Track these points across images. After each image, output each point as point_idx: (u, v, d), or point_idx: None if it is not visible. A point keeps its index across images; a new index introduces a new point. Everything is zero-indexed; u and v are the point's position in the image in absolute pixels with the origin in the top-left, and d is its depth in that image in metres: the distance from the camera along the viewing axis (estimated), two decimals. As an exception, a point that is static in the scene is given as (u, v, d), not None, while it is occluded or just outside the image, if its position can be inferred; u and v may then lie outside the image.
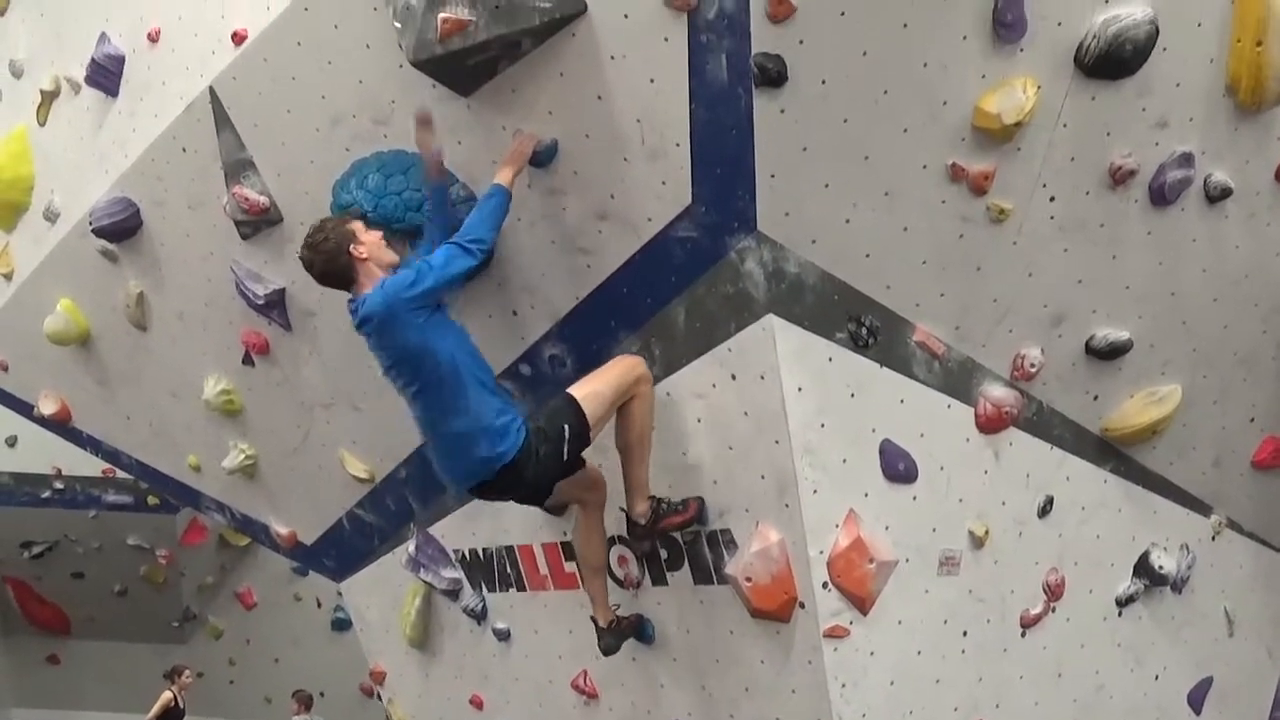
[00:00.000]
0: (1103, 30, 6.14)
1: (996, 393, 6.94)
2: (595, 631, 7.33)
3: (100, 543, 18.73)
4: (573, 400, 6.61)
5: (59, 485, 18.32)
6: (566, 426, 6.58)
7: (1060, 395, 7.21)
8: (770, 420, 6.44)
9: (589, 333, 7.03)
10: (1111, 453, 7.52)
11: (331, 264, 6.57)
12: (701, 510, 6.93)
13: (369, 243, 6.61)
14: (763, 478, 6.59)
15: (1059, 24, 6.14)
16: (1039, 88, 6.18)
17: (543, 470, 6.60)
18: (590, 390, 6.64)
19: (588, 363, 6.97)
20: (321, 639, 19.51)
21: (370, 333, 6.55)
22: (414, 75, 6.54)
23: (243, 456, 9.38)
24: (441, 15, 6.15)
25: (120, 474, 13.98)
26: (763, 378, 6.41)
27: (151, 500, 17.46)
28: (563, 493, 6.98)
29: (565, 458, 6.63)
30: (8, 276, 9.94)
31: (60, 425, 10.75)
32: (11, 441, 18.04)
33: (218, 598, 19.67)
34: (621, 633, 7.38)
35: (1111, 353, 7.14)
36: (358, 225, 6.69)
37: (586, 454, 6.83)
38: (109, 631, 20.11)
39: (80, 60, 8.64)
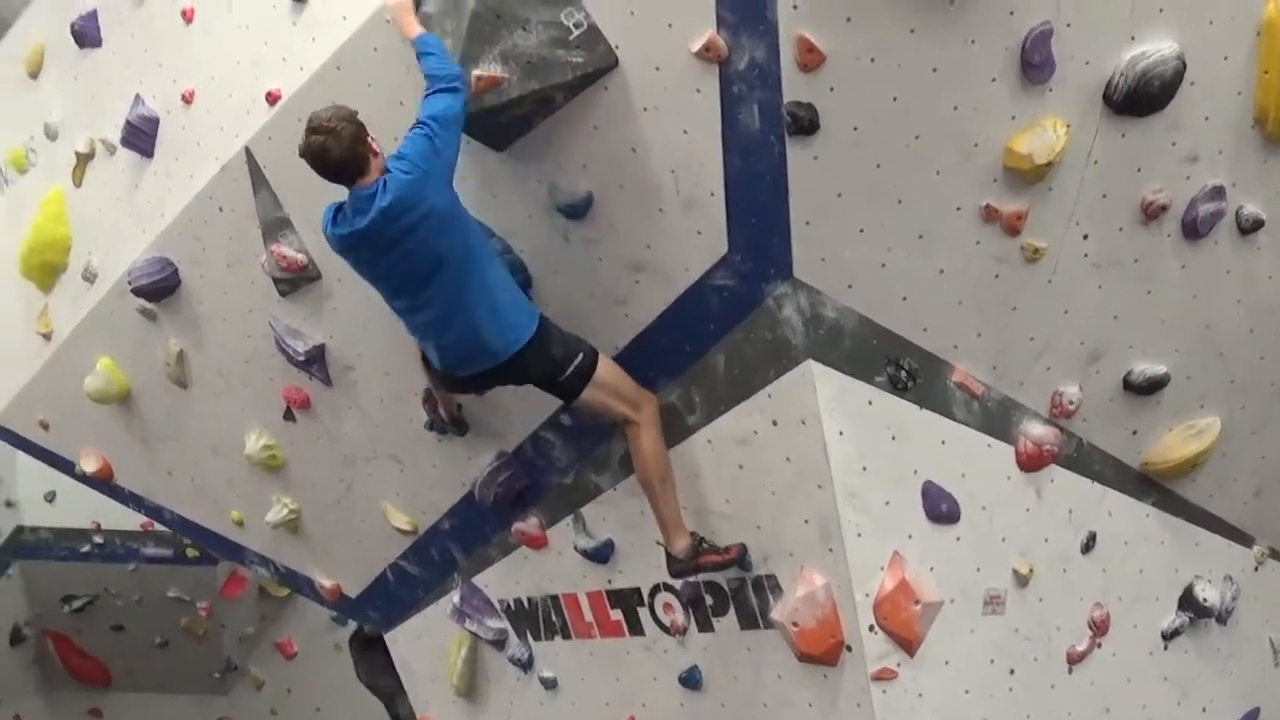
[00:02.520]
0: (1130, 68, 6.15)
1: (1036, 431, 6.93)
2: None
3: (140, 595, 18.68)
4: (596, 351, 6.70)
5: (98, 539, 18.29)
6: (583, 356, 6.65)
7: (1099, 431, 7.20)
8: (812, 465, 6.45)
9: (629, 382, 7.02)
10: (1152, 487, 7.49)
11: (352, 150, 6.18)
12: (744, 556, 6.92)
13: (376, 143, 6.37)
14: (806, 522, 6.60)
15: (1086, 63, 6.16)
16: (1069, 127, 6.19)
17: (542, 364, 6.61)
18: (611, 363, 6.77)
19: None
20: (363, 688, 19.47)
21: (402, 212, 6.16)
22: (448, 131, 6.58)
23: (286, 511, 9.41)
24: (475, 72, 6.23)
25: (159, 527, 14.00)
26: (803, 423, 6.42)
27: (191, 552, 17.41)
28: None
29: (562, 377, 6.65)
30: (47, 337, 10.01)
31: (102, 483, 10.79)
32: (50, 497, 18.06)
33: (258, 648, 19.58)
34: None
35: (1149, 387, 7.12)
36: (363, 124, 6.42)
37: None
38: (150, 684, 20.04)
39: (115, 122, 8.72)
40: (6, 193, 10.26)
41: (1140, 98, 6.22)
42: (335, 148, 6.19)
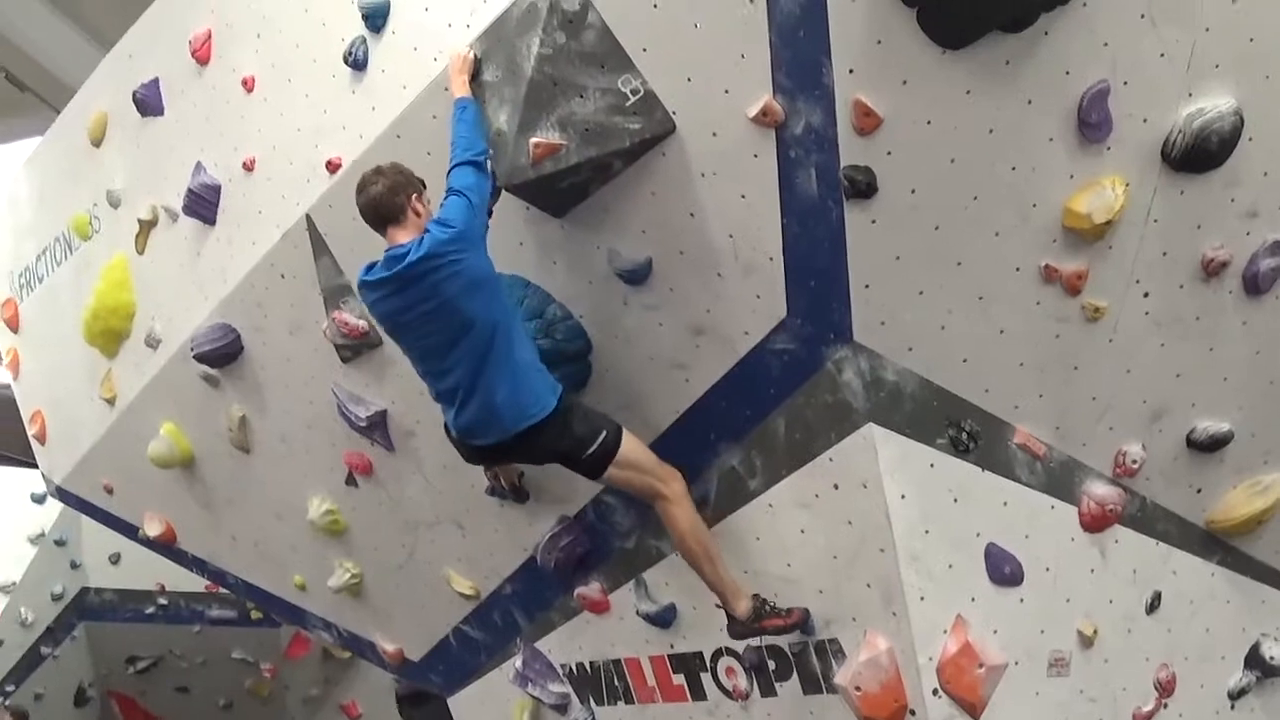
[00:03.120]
0: (1188, 124, 6.13)
1: (1099, 491, 6.89)
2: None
3: (205, 657, 18.80)
4: (620, 428, 6.69)
5: (163, 601, 18.44)
6: (606, 433, 6.64)
7: (1163, 490, 7.14)
8: (874, 529, 6.42)
9: (689, 447, 7.03)
10: (1217, 544, 7.42)
11: (391, 193, 6.38)
12: (806, 620, 6.88)
13: (425, 209, 6.49)
14: (869, 586, 6.56)
15: (1144, 120, 6.14)
16: (1128, 185, 6.17)
17: (565, 440, 6.60)
18: (626, 454, 6.72)
19: (689, 477, 6.96)
20: (424, 747, 19.50)
21: (435, 265, 6.20)
22: (507, 198, 6.64)
23: (348, 575, 9.45)
24: (533, 140, 6.26)
25: (223, 590, 14.10)
26: (865, 486, 6.40)
27: (255, 614, 17.53)
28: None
29: (584, 455, 6.65)
30: (111, 402, 10.11)
31: (166, 547, 10.88)
32: (115, 559, 18.20)
33: (322, 710, 19.60)
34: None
35: (1213, 445, 7.07)
36: (423, 191, 6.57)
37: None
38: (215, 747, 20.22)
39: (177, 190, 8.82)
40: (71, 259, 10.35)
41: (1199, 154, 6.19)
42: (372, 189, 6.42)
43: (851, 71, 5.73)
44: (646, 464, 6.81)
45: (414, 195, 6.46)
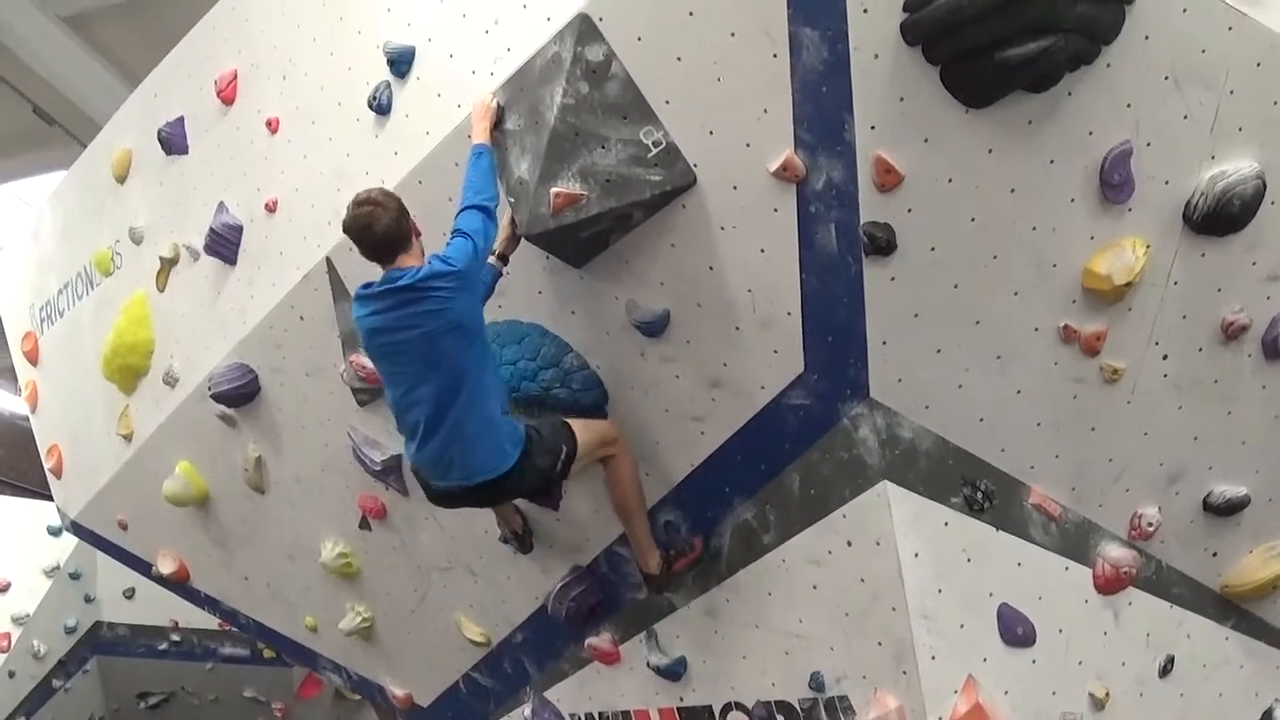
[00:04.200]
0: (1210, 187, 6.13)
1: (1114, 553, 6.86)
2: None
3: (216, 694, 18.76)
4: (569, 425, 6.69)
5: (176, 637, 18.44)
6: (565, 448, 6.63)
7: (1179, 553, 7.11)
8: (887, 586, 6.39)
9: (703, 499, 7.03)
10: (1232, 609, 7.38)
11: (398, 223, 6.33)
12: (708, 543, 6.99)
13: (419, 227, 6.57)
14: (880, 644, 6.53)
15: (1166, 182, 6.14)
16: (1148, 247, 6.17)
17: (531, 479, 6.60)
18: (581, 424, 6.76)
19: (702, 530, 7.01)
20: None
21: (427, 291, 6.19)
22: (527, 248, 6.65)
23: (359, 619, 9.44)
24: (554, 189, 6.26)
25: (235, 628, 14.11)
26: (878, 544, 6.37)
27: (268, 653, 17.49)
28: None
29: (554, 472, 6.66)
30: (128, 438, 10.13)
31: (178, 584, 10.88)
32: (129, 594, 18.21)
33: (334, 750, 19.69)
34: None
35: (1229, 509, 7.04)
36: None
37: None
38: (225, 783, 20.18)
39: (199, 229, 8.86)
40: (92, 294, 10.39)
41: (1220, 217, 6.19)
42: (383, 218, 6.33)
43: (873, 128, 5.74)
44: (594, 442, 6.82)
45: (409, 216, 6.46)
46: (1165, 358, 6.54)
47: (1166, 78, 5.89)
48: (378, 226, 6.34)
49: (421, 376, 6.36)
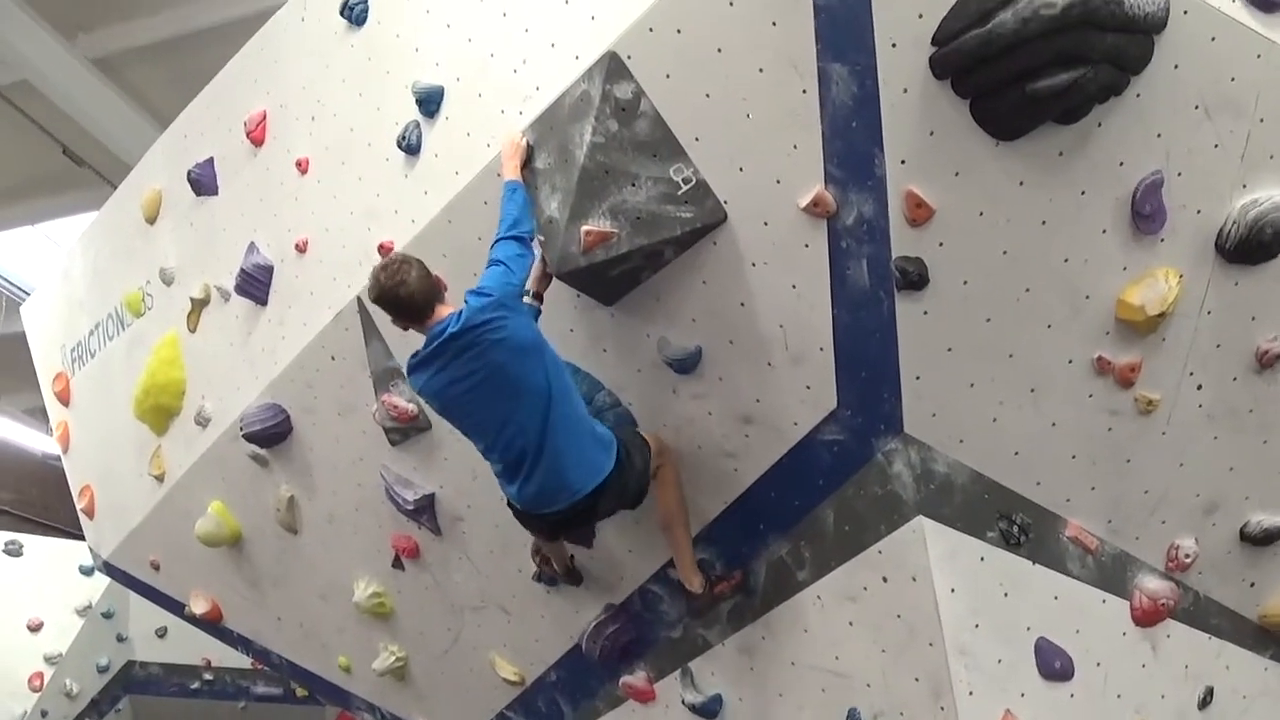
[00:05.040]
0: (1242, 216, 6.10)
1: (1152, 585, 6.82)
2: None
3: (249, 733, 18.87)
4: (644, 440, 6.72)
5: (208, 676, 18.48)
6: (648, 459, 6.70)
7: (1216, 584, 7.06)
8: (923, 622, 6.36)
9: (737, 536, 7.01)
10: (1271, 639, 7.32)
11: (425, 281, 6.32)
12: (747, 580, 6.97)
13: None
14: (917, 680, 6.49)
15: (1198, 212, 6.11)
16: (1181, 277, 6.14)
17: (633, 482, 6.61)
18: (657, 451, 6.76)
19: (737, 567, 6.99)
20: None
21: (480, 332, 6.16)
22: (557, 285, 6.63)
23: (393, 658, 9.42)
24: (584, 227, 6.26)
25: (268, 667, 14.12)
26: (914, 580, 6.35)
27: (300, 692, 17.49)
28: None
29: (646, 485, 6.71)
30: (160, 479, 10.14)
31: (211, 624, 10.88)
32: (161, 633, 18.25)
33: (366, 789, 19.64)
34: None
35: (1266, 539, 6.98)
36: None
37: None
38: (258, 823, 20.18)
39: (229, 269, 8.87)
40: (123, 335, 10.41)
41: (1253, 246, 6.16)
42: (410, 277, 6.30)
43: (904, 162, 5.74)
44: (655, 450, 6.81)
45: (431, 274, 6.45)
46: (1200, 388, 6.50)
47: (1196, 106, 5.88)
48: (407, 288, 6.31)
49: (508, 414, 6.33)
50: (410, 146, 7.32)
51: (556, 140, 6.39)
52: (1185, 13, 5.67)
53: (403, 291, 6.30)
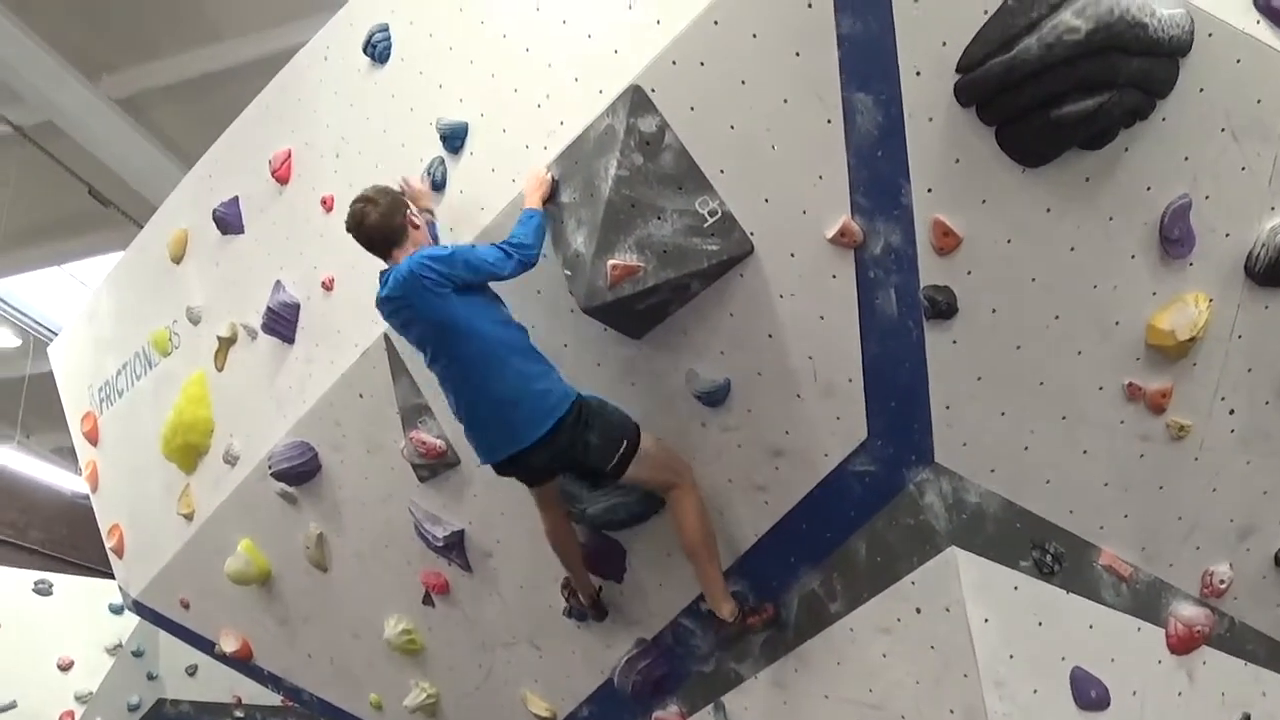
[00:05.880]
0: (1271, 238, 6.09)
1: (1187, 612, 6.77)
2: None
3: (280, 770, 18.85)
4: (637, 427, 6.65)
5: (239, 714, 18.49)
6: (626, 440, 6.61)
7: (1251, 609, 7.01)
8: (957, 653, 6.32)
9: (768, 569, 6.97)
10: (1308, 664, 7.29)
11: (387, 220, 6.70)
12: (778, 615, 6.92)
13: (419, 220, 6.84)
14: (952, 712, 6.44)
15: (1226, 235, 6.09)
16: (1211, 301, 6.12)
17: (576, 451, 6.59)
18: (652, 436, 6.72)
19: (769, 600, 6.95)
20: None
21: (398, 296, 6.58)
22: (584, 320, 6.63)
23: (424, 695, 9.37)
24: (611, 261, 6.25)
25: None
26: (948, 610, 6.31)
27: (331, 729, 17.57)
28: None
29: (610, 464, 6.62)
30: (189, 517, 10.14)
31: (241, 662, 10.86)
32: (192, 670, 18.28)
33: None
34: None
35: (1301, 563, 6.96)
36: (409, 202, 6.89)
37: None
38: None
39: (256, 307, 8.89)
40: (150, 374, 10.43)
41: (1283, 268, 6.13)
42: (372, 214, 6.72)
43: (930, 191, 5.73)
44: (661, 457, 6.77)
45: (407, 212, 6.75)
46: (1232, 412, 6.47)
47: (1223, 129, 5.87)
48: (367, 222, 6.74)
49: (438, 368, 6.72)
50: (435, 183, 7.33)
51: (581, 175, 6.41)
52: (1210, 35, 5.68)
53: (363, 225, 6.78)
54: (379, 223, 6.71)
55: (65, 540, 28.62)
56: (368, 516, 8.72)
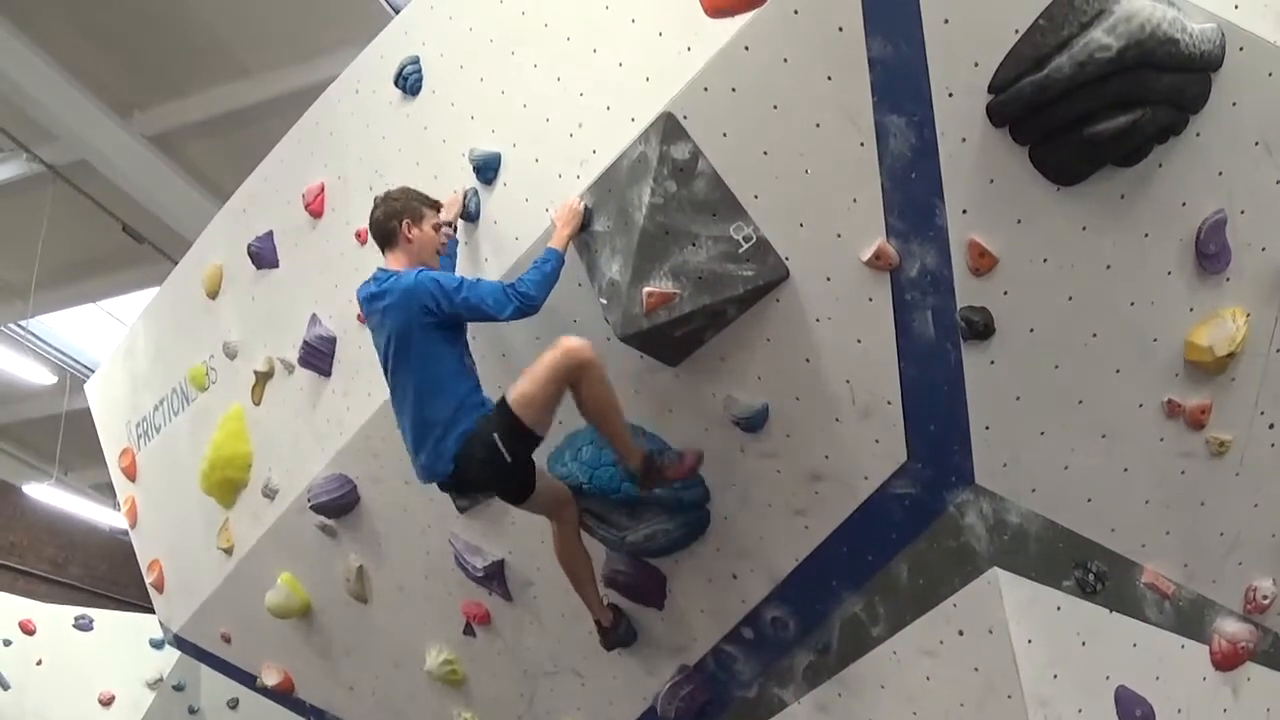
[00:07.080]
0: (1307, 252, 6.07)
1: (1230, 628, 6.74)
2: (599, 633, 7.64)
3: (322, 802, 18.82)
4: (504, 405, 6.55)
5: (281, 746, 18.55)
6: (496, 436, 6.52)
7: (1296, 625, 6.99)
8: (1001, 675, 6.30)
9: (810, 593, 6.95)
10: (1352, 678, 7.24)
11: (384, 222, 6.95)
12: (698, 463, 6.83)
13: (424, 233, 6.91)
14: (998, 733, 6.45)
15: (1263, 249, 6.09)
16: (1248, 316, 6.11)
17: (490, 474, 6.67)
18: (519, 393, 6.51)
19: (811, 624, 6.95)
20: None
21: (383, 306, 6.68)
22: (621, 348, 6.62)
23: (467, 725, 9.41)
24: (646, 289, 6.25)
25: (341, 734, 14.11)
26: (991, 632, 6.29)
27: (374, 760, 17.57)
28: (536, 504, 7.08)
29: (510, 460, 6.56)
30: (228, 551, 10.15)
31: (283, 695, 10.86)
32: (233, 704, 18.29)
33: None
34: (627, 628, 7.69)
35: (1344, 578, 6.92)
36: (429, 213, 6.98)
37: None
38: None
39: (293, 341, 8.91)
40: (187, 410, 10.46)
41: (1319, 282, 6.10)
42: (376, 212, 7.03)
43: (965, 212, 5.72)
44: (541, 394, 6.52)
45: (408, 222, 6.87)
46: (1271, 426, 6.46)
47: (1256, 143, 5.87)
48: (371, 217, 7.05)
49: (392, 377, 6.84)
50: (469, 214, 7.34)
51: (615, 203, 6.41)
52: (1241, 49, 5.67)
53: (370, 219, 7.10)
54: (378, 221, 6.97)
55: (105, 576, 28.75)
56: (407, 548, 8.72)
